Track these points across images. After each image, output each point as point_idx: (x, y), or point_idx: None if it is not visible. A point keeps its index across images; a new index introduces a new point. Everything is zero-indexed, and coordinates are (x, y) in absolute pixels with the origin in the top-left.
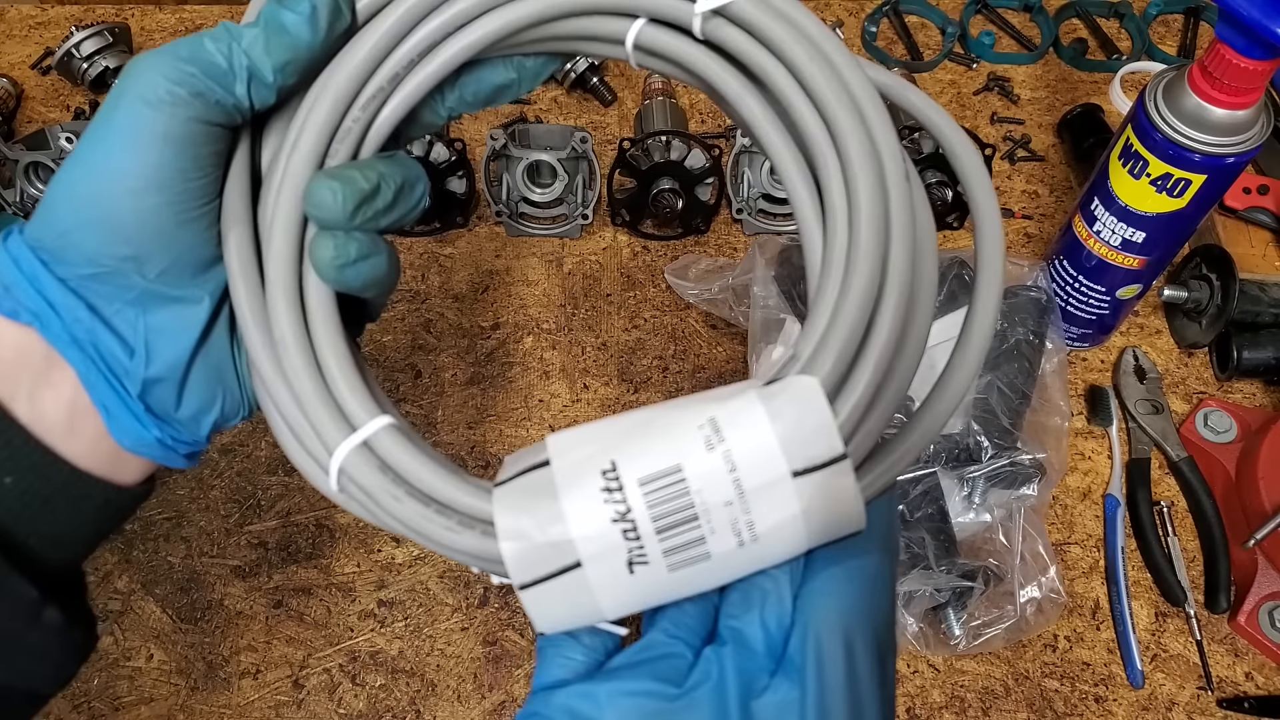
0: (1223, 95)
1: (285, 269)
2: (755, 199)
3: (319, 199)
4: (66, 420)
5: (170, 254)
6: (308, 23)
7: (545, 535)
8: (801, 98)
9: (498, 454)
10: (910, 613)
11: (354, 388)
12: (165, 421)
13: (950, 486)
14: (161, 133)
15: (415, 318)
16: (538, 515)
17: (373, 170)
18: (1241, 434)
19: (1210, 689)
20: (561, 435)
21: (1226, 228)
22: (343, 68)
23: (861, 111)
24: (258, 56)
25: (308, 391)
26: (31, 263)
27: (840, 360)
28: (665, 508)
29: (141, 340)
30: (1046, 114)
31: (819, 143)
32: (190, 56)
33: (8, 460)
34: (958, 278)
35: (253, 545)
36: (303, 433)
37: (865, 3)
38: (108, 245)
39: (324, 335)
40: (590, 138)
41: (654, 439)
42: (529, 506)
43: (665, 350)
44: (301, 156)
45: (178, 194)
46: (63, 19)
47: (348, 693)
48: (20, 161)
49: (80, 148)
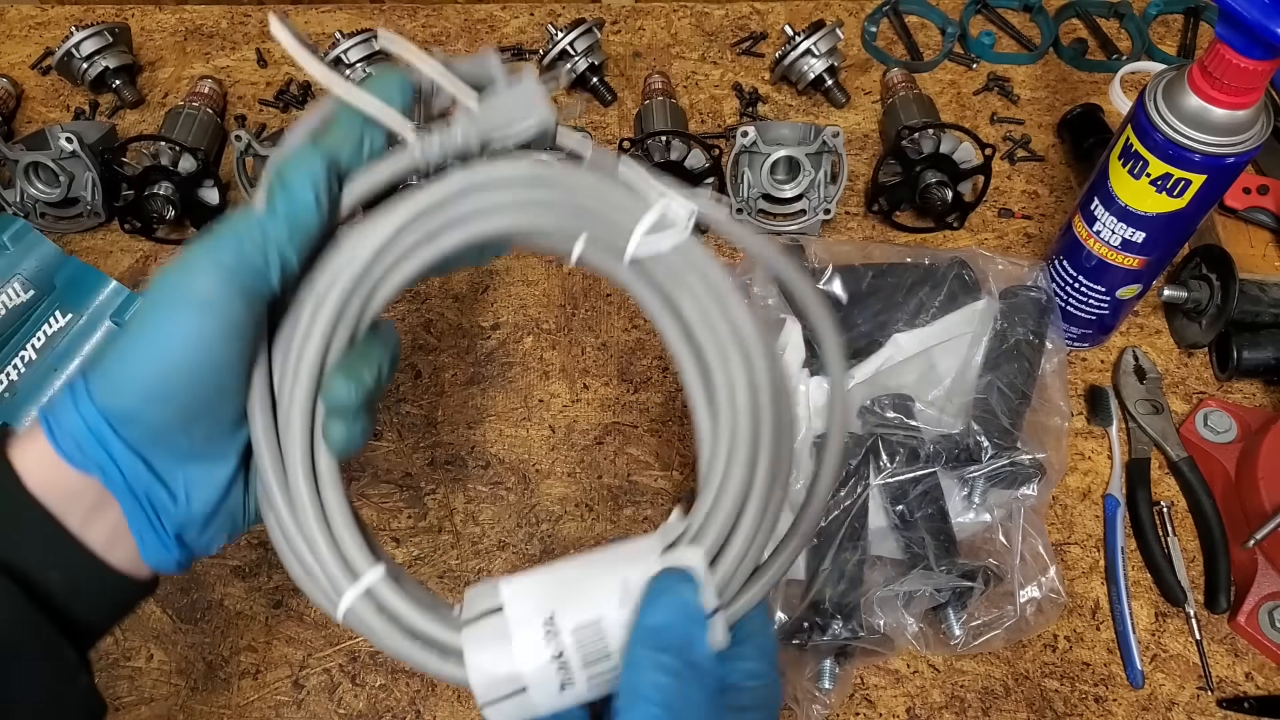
0: (1223, 95)
1: (301, 447)
2: (755, 199)
3: (335, 396)
4: (107, 540)
5: (213, 421)
6: (316, 207)
7: (500, 670)
8: (704, 329)
9: (497, 454)
10: (910, 612)
11: (357, 543)
12: (186, 548)
13: (950, 486)
14: (218, 330)
15: (415, 318)
16: (495, 654)
17: (373, 362)
18: (1241, 434)
19: (1210, 689)
20: (513, 584)
21: (1226, 228)
22: (340, 273)
23: (745, 346)
24: (284, 248)
25: (320, 548)
26: (100, 425)
27: (719, 535)
28: (589, 649)
29: (183, 490)
30: (1046, 114)
31: (714, 366)
32: (236, 264)
33: (61, 562)
34: (958, 278)
35: (253, 545)
36: (316, 576)
37: (865, 3)
38: (167, 417)
39: (332, 499)
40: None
41: (583, 597)
42: (489, 646)
43: (665, 350)
44: (310, 356)
45: (226, 373)
46: (63, 19)
47: (348, 693)
48: (20, 162)
49: (141, 332)
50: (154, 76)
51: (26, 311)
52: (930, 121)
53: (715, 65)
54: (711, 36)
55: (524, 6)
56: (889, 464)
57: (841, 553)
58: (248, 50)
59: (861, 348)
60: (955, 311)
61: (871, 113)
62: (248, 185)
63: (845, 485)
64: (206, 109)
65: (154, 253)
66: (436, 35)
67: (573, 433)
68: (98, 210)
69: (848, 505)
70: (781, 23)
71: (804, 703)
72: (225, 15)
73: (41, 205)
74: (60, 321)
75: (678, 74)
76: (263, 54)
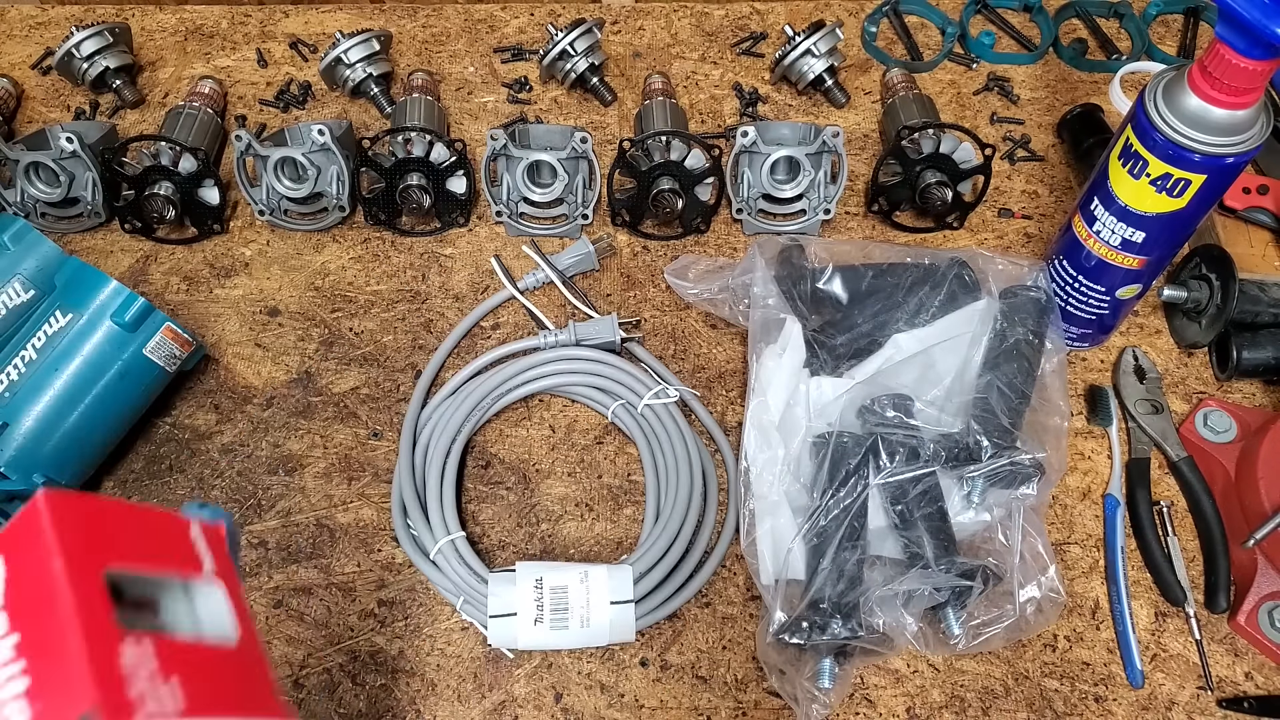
0: (1223, 95)
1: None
2: (755, 199)
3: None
4: None
5: None
6: None
7: (504, 598)
8: (668, 454)
9: (497, 454)
10: (909, 612)
11: (450, 515)
12: None
13: (950, 486)
14: None
15: (416, 318)
16: (504, 588)
17: None
18: (1241, 434)
19: (1210, 689)
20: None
21: (1226, 227)
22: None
23: (691, 465)
24: None
25: (433, 511)
26: None
27: (647, 563)
28: (555, 600)
29: None
30: (1046, 114)
31: (668, 479)
32: None
33: None
34: (958, 278)
35: (253, 545)
36: (421, 532)
37: (865, 3)
38: None
39: (447, 496)
40: (590, 138)
41: (561, 572)
42: (503, 584)
43: (665, 350)
44: (446, 437)
45: None
46: (63, 19)
47: (348, 692)
48: (21, 161)
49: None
50: (154, 76)
51: (27, 311)
52: (930, 121)
53: (715, 65)
54: (711, 36)
55: (524, 6)
56: (888, 463)
57: (841, 552)
58: (248, 50)
59: (861, 348)
60: (955, 311)
61: (871, 113)
62: (248, 185)
63: (845, 485)
64: (207, 109)
65: (154, 252)
66: (437, 35)
67: (572, 432)
68: (98, 210)
69: (847, 505)
70: (781, 23)
71: (804, 702)
72: (226, 15)
73: (42, 205)
74: (60, 321)
75: (678, 74)
76: (263, 54)
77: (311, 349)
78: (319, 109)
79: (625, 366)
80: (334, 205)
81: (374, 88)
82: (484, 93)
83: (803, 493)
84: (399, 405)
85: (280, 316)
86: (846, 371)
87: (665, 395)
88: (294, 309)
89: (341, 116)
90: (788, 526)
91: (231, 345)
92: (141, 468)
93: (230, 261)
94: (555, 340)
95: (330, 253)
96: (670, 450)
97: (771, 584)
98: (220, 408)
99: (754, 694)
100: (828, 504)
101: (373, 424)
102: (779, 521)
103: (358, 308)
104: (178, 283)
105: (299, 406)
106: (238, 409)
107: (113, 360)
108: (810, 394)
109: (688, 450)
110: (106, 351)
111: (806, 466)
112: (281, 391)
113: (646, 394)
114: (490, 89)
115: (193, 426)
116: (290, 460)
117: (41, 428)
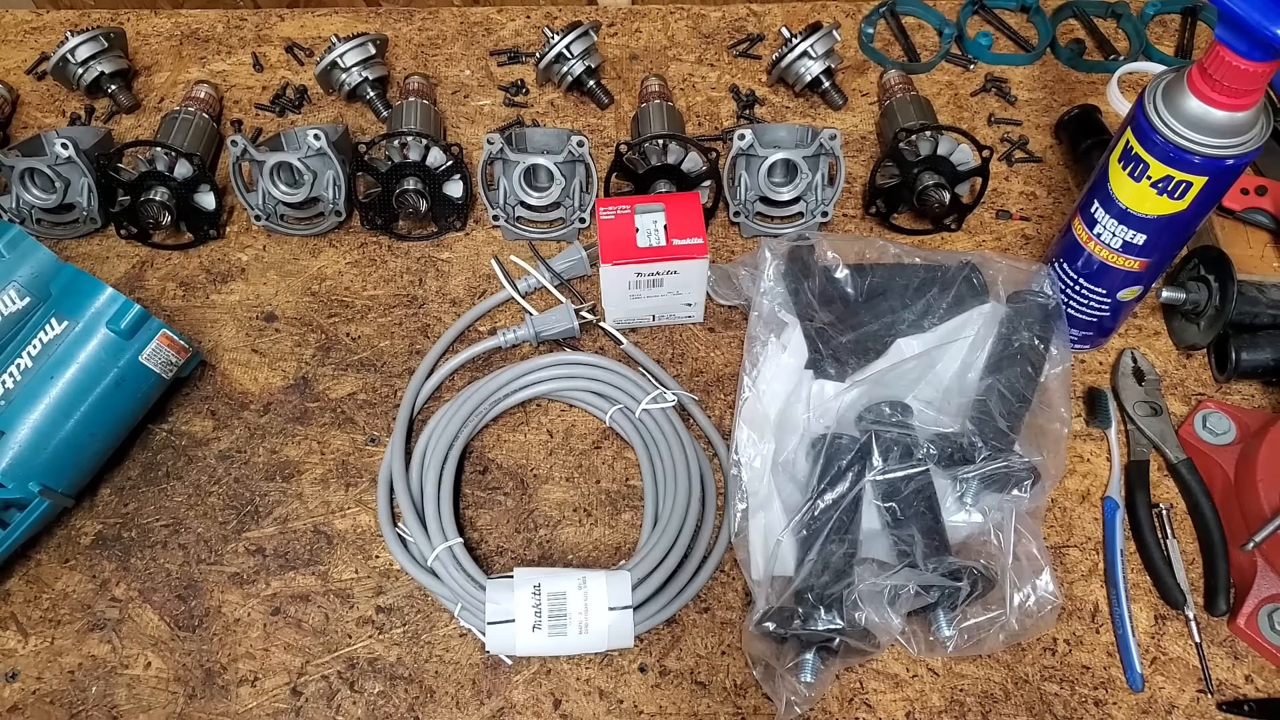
0: (1222, 97)
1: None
2: (752, 201)
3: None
4: None
5: None
6: None
7: (503, 603)
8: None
9: (495, 459)
10: (896, 611)
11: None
12: None
13: (944, 488)
14: None
15: (413, 322)
16: (502, 594)
17: None
18: (1240, 436)
19: (1210, 692)
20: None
21: (1225, 229)
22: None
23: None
24: None
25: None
26: None
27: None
28: (553, 606)
29: None
30: (1044, 115)
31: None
32: None
33: None
34: (966, 280)
35: (250, 552)
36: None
37: (862, 4)
38: None
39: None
40: (587, 141)
41: (559, 579)
42: (501, 590)
43: (663, 353)
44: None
45: None
46: (58, 24)
47: (346, 700)
48: (16, 168)
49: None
50: (150, 81)
51: (22, 319)
52: (928, 123)
53: (712, 67)
54: (708, 39)
55: (520, 9)
56: (882, 461)
57: (828, 545)
58: (243, 55)
59: (867, 346)
60: (959, 316)
61: (869, 114)
62: (244, 190)
63: (838, 480)
64: (202, 114)
65: (150, 258)
66: (433, 39)
67: (570, 437)
68: (93, 216)
69: (838, 499)
70: (778, 24)
71: (783, 693)
72: (221, 19)
73: (37, 211)
74: (56, 329)
75: (674, 76)
76: (258, 58)
77: (308, 354)
78: (315, 113)
79: (623, 371)
80: (330, 210)
81: (370, 92)
82: (480, 96)
83: (798, 492)
84: (396, 411)
85: (277, 322)
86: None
87: (663, 400)
88: (290, 314)
89: (337, 121)
90: (778, 522)
91: (228, 351)
92: (139, 474)
93: (226, 267)
94: (515, 337)
95: (327, 258)
96: (668, 455)
97: (760, 579)
98: (217, 414)
99: (753, 699)
100: (818, 499)
101: (370, 429)
102: (770, 517)
103: (354, 313)
104: (174, 288)
105: (296, 412)
106: (234, 415)
107: (109, 367)
108: (811, 395)
109: (686, 455)
110: (102, 359)
111: (803, 466)
112: (278, 397)
113: (644, 398)
114: (486, 92)
115: (190, 433)
116: (287, 466)
117: (37, 436)
